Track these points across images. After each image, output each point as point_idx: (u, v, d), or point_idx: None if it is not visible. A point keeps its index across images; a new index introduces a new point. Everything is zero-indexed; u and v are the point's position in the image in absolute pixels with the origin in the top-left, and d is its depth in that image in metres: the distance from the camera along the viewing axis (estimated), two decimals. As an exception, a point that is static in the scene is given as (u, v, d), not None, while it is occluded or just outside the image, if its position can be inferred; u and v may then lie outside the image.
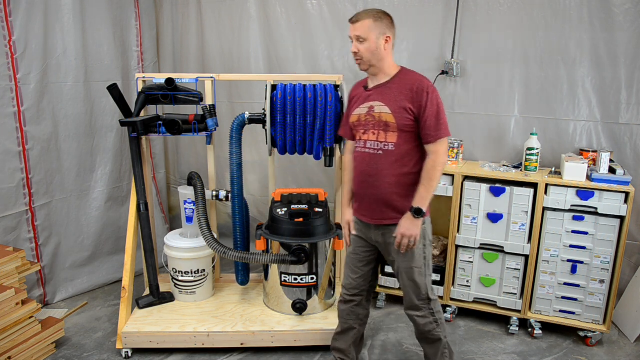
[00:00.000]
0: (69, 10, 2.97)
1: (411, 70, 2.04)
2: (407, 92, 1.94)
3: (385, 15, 1.99)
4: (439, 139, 1.92)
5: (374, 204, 2.06)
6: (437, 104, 1.92)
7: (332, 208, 3.25)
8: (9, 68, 2.72)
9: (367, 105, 2.04)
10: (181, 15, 3.65)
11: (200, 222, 2.66)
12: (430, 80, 1.98)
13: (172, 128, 2.74)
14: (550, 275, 2.73)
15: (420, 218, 1.95)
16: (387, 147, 1.99)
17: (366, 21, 1.96)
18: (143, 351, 2.59)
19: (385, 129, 1.98)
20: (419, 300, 2.10)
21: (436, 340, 2.17)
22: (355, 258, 2.21)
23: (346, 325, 2.31)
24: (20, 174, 2.84)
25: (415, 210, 1.93)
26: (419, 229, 1.96)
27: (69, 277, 3.18)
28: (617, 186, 2.52)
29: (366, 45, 1.98)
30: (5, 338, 2.31)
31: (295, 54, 3.39)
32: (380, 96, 2.00)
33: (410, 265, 2.05)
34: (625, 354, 2.68)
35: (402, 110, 1.94)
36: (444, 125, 1.93)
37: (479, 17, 2.96)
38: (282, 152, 2.74)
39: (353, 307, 2.27)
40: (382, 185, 2.01)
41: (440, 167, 1.93)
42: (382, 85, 2.02)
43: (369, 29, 1.96)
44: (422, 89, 1.92)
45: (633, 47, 2.70)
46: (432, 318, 2.13)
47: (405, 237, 1.96)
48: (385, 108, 1.97)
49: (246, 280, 2.97)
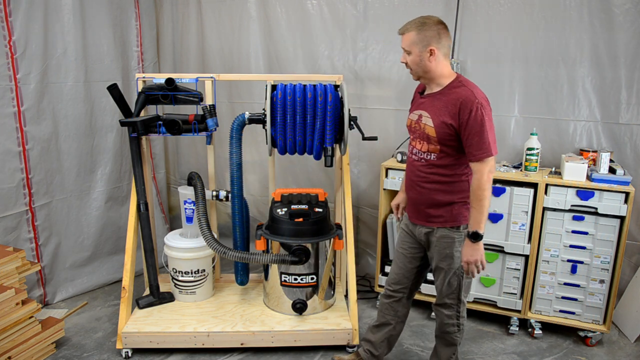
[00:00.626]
0: (69, 10, 2.97)
1: (465, 81, 1.94)
2: (452, 106, 1.88)
3: (432, 25, 1.91)
4: (482, 159, 1.86)
5: (418, 207, 2.10)
6: (482, 122, 1.83)
7: (332, 208, 3.26)
8: (9, 68, 2.72)
9: (419, 112, 2.04)
10: (181, 15, 3.65)
11: (200, 222, 2.66)
12: (480, 95, 1.87)
13: (172, 128, 2.74)
14: (550, 275, 2.73)
15: (479, 241, 1.91)
16: (429, 157, 2.00)
17: (409, 34, 1.94)
18: (143, 351, 2.59)
19: (428, 140, 1.98)
20: (450, 299, 2.13)
21: (452, 344, 2.21)
22: (402, 253, 2.24)
23: (383, 320, 2.33)
24: (20, 174, 2.84)
25: (472, 235, 1.91)
26: (480, 252, 1.93)
27: (69, 277, 3.18)
28: (617, 186, 2.52)
29: (411, 58, 1.96)
30: (5, 338, 2.31)
31: (295, 54, 3.39)
32: (429, 107, 1.98)
33: (448, 267, 2.06)
34: (625, 354, 2.68)
35: (442, 125, 1.91)
36: (487, 144, 1.85)
37: (479, 17, 2.96)
38: (282, 152, 2.74)
39: (392, 303, 2.29)
40: (425, 192, 2.04)
41: (486, 186, 1.87)
42: (432, 95, 1.99)
43: (411, 42, 1.93)
44: (467, 105, 1.84)
45: (633, 47, 2.70)
46: (457, 321, 2.16)
47: (470, 263, 1.94)
48: (430, 121, 1.96)
49: (245, 280, 2.97)
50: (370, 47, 3.23)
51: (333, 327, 2.62)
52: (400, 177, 2.90)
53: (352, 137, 3.06)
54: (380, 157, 3.22)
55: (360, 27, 3.23)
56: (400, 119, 3.24)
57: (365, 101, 3.32)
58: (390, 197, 3.13)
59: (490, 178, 1.88)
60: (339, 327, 2.63)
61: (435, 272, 2.14)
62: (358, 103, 3.33)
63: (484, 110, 1.84)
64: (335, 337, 2.61)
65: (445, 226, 2.03)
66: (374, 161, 3.33)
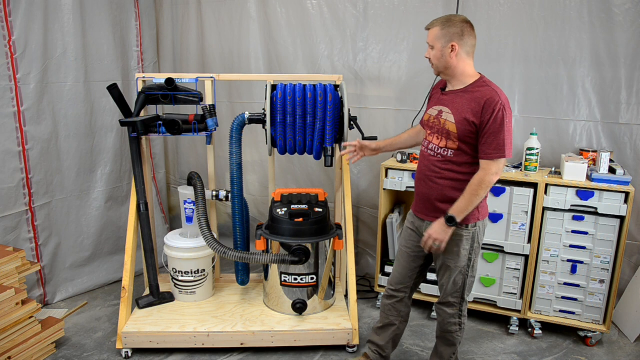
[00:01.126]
0: (69, 10, 2.97)
1: (489, 82, 1.97)
2: (475, 105, 1.91)
3: (456, 23, 1.94)
4: (492, 158, 1.89)
5: (429, 203, 2.10)
6: (502, 123, 1.86)
7: (332, 208, 3.26)
8: (8, 68, 2.72)
9: (439, 108, 2.05)
10: (181, 15, 3.65)
11: (200, 222, 2.66)
12: (503, 97, 1.90)
13: (172, 128, 2.74)
14: (550, 275, 2.73)
15: (452, 227, 1.96)
16: (446, 153, 2.01)
17: (434, 29, 1.98)
18: (143, 351, 2.59)
19: (447, 136, 1.99)
20: (454, 297, 2.14)
21: (452, 344, 2.23)
22: (406, 252, 2.25)
23: (387, 321, 2.35)
24: (20, 174, 2.84)
25: (448, 218, 1.94)
26: (447, 236, 1.98)
27: (69, 277, 3.19)
28: (617, 186, 2.52)
29: (434, 53, 1.99)
30: (5, 338, 2.31)
31: (295, 54, 3.39)
32: (451, 104, 2.00)
33: (454, 265, 2.08)
34: (625, 354, 2.68)
35: (464, 122, 1.93)
36: (502, 146, 1.88)
37: (479, 17, 2.96)
38: (282, 152, 2.74)
39: (395, 304, 2.31)
40: (437, 187, 2.05)
41: (486, 185, 1.91)
42: (454, 92, 2.01)
43: (435, 37, 1.97)
44: (490, 105, 1.87)
45: (633, 47, 2.70)
46: (459, 320, 2.18)
47: (431, 239, 1.99)
48: (451, 117, 1.97)
49: (246, 280, 2.97)
50: (370, 47, 3.23)
51: (333, 327, 2.62)
52: (401, 177, 2.91)
53: (352, 137, 3.05)
54: (380, 157, 3.21)
55: (360, 27, 3.23)
56: (400, 119, 3.25)
57: (365, 101, 3.32)
58: (390, 197, 3.14)
59: (493, 180, 1.91)
60: (339, 327, 2.63)
61: (441, 270, 2.14)
62: (358, 103, 3.33)
63: (505, 112, 1.87)
64: (335, 337, 2.61)
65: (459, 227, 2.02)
66: (374, 161, 3.33)
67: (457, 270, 2.08)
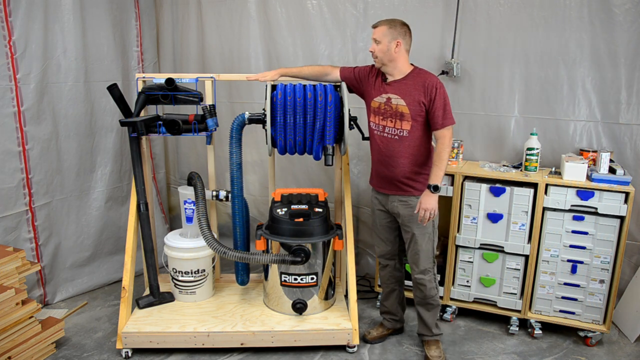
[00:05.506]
0: (69, 10, 2.97)
1: (422, 69, 2.39)
2: (420, 87, 2.31)
3: (400, 24, 2.34)
4: (446, 126, 2.29)
5: (393, 180, 2.43)
6: (444, 97, 2.30)
7: (332, 208, 3.25)
8: (8, 68, 2.72)
9: (386, 96, 2.39)
10: (181, 15, 3.65)
11: (200, 222, 2.66)
12: (437, 77, 2.35)
13: (172, 128, 2.74)
14: (550, 275, 2.73)
15: (437, 193, 2.28)
16: (402, 134, 2.36)
17: (382, 27, 2.33)
18: (143, 351, 2.59)
19: (400, 118, 2.35)
20: (427, 263, 2.47)
21: (435, 306, 2.55)
22: (382, 229, 2.61)
23: (388, 289, 2.74)
24: (20, 174, 2.84)
25: (433, 187, 2.27)
26: (436, 203, 2.30)
27: (69, 277, 3.19)
28: (617, 186, 2.53)
29: (379, 47, 2.33)
30: (5, 338, 2.31)
31: (295, 54, 3.39)
32: (397, 90, 2.35)
33: (424, 232, 2.42)
34: (625, 354, 2.68)
35: (416, 103, 2.31)
36: (450, 114, 2.31)
37: (479, 17, 2.96)
38: (282, 152, 2.74)
39: (391, 271, 2.69)
40: (399, 164, 2.39)
41: (448, 149, 2.29)
42: (398, 81, 2.37)
43: (382, 34, 2.32)
44: (433, 85, 2.29)
45: (633, 47, 2.70)
46: (435, 284, 2.52)
47: (427, 210, 2.28)
48: (402, 101, 2.34)
49: (246, 280, 2.97)
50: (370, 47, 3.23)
51: (333, 327, 2.62)
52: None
53: (352, 137, 3.06)
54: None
55: (360, 27, 3.23)
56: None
57: (365, 101, 3.32)
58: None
59: (451, 143, 2.32)
60: (339, 327, 2.63)
61: (411, 243, 2.46)
62: (358, 103, 3.32)
63: (444, 89, 2.32)
64: (335, 337, 2.61)
65: (419, 195, 2.38)
66: (374, 161, 3.33)
67: (426, 236, 2.43)
